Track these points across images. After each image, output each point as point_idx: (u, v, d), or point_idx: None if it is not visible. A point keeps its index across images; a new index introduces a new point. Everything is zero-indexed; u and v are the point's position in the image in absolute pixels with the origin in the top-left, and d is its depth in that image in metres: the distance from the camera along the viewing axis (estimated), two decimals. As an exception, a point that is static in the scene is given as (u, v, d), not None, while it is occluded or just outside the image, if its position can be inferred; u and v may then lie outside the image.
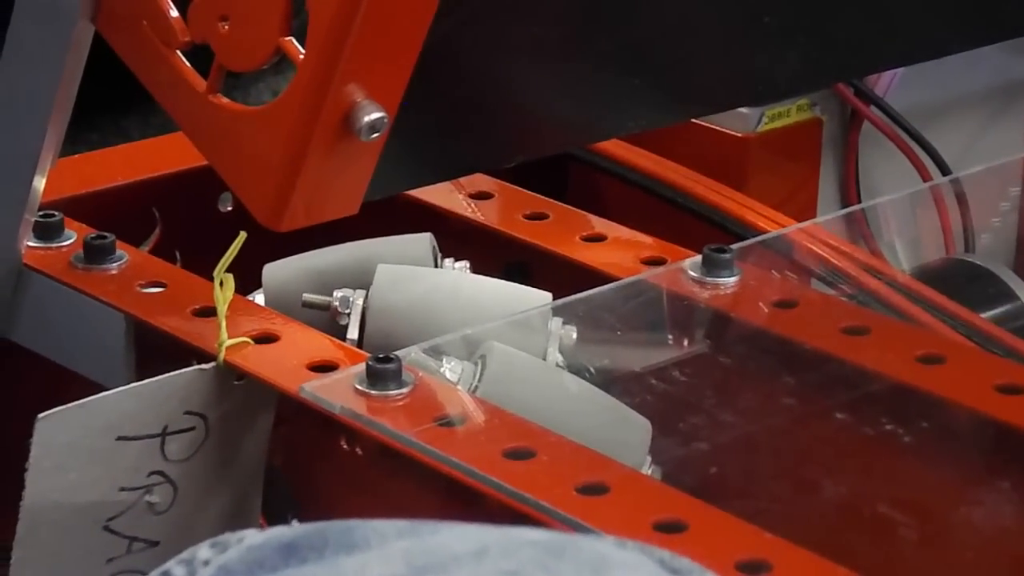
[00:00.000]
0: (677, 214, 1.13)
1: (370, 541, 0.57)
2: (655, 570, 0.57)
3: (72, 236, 1.01)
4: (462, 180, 1.11)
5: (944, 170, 1.25)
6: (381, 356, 0.86)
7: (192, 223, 1.11)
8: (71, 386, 0.93)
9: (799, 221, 1.10)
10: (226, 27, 0.84)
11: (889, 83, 1.25)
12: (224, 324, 0.90)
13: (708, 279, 0.98)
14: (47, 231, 1.00)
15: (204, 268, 0.94)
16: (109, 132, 2.30)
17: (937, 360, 0.92)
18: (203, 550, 0.59)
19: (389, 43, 0.82)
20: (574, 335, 0.94)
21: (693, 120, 1.19)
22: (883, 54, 1.09)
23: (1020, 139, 1.35)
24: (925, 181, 1.25)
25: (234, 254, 0.90)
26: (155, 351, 0.93)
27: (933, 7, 1.08)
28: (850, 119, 1.26)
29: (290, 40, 0.83)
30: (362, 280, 0.97)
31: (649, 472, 0.88)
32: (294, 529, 0.58)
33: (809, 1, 1.01)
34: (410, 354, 0.88)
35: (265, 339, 0.91)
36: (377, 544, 0.56)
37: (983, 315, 1.07)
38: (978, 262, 1.18)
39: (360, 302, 0.96)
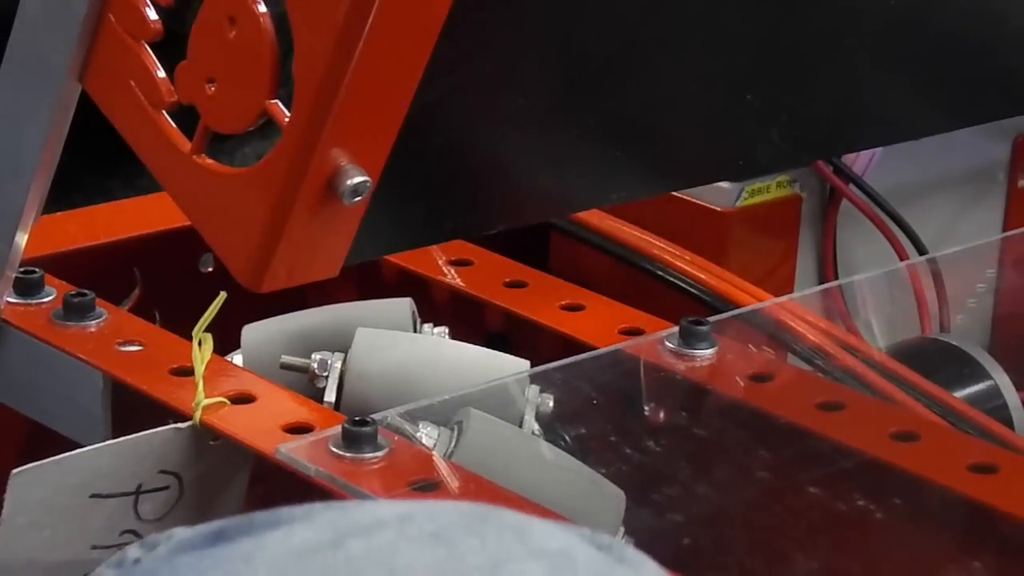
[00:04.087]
0: (656, 285, 1.13)
1: (296, 516, 0.58)
2: (575, 539, 0.59)
3: (52, 293, 1.01)
4: (442, 246, 1.11)
5: (921, 250, 1.26)
6: (357, 419, 0.86)
7: (172, 283, 1.11)
8: (46, 442, 0.93)
9: (777, 296, 1.11)
10: (212, 89, 0.85)
11: (868, 162, 1.26)
12: (201, 384, 0.90)
13: (685, 351, 0.99)
14: (27, 287, 1.01)
15: (183, 328, 0.94)
16: (94, 192, 2.29)
17: (911, 438, 0.93)
18: (132, 550, 0.59)
19: (374, 108, 0.82)
20: (551, 403, 0.94)
21: (673, 193, 1.20)
22: (863, 134, 1.10)
23: (996, 221, 1.36)
24: (902, 260, 1.26)
25: (213, 314, 0.90)
26: (132, 410, 0.93)
27: (913, 89, 1.09)
28: (829, 197, 1.26)
29: (276, 103, 0.84)
30: (341, 343, 0.97)
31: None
32: (222, 519, 0.59)
33: (791, 80, 1.02)
34: (386, 418, 0.88)
35: (242, 400, 0.91)
36: (303, 517, 0.58)
37: (957, 394, 1.08)
38: (953, 342, 1.19)
39: (338, 365, 0.96)
